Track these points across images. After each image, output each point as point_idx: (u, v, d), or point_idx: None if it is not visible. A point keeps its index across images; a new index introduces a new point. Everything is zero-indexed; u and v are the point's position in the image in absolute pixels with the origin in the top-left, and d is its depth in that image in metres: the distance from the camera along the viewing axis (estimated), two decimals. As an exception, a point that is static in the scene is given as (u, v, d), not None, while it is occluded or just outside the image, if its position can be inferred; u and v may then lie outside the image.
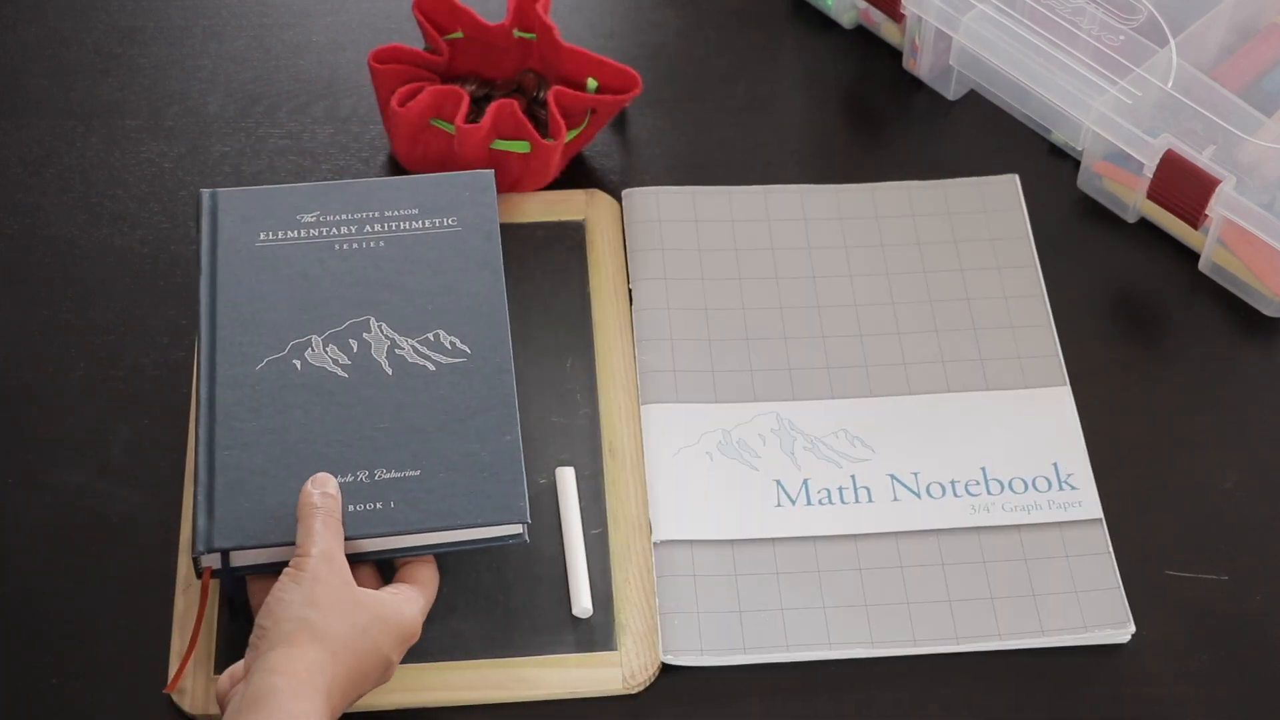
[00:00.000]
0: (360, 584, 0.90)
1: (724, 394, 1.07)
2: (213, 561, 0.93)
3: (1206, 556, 1.02)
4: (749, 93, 1.24)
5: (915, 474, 1.04)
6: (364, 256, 1.03)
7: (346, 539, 0.92)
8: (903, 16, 1.20)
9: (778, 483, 1.04)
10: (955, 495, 1.03)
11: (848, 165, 1.20)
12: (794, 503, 1.03)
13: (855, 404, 1.07)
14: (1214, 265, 1.13)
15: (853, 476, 1.04)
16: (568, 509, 1.01)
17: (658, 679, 0.97)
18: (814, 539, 1.01)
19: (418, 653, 0.95)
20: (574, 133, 1.14)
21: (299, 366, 0.99)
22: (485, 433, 0.96)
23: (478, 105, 1.16)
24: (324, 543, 0.89)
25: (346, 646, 0.86)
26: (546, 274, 1.12)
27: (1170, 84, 1.12)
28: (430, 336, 1.00)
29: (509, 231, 1.14)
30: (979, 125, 1.22)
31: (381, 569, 0.95)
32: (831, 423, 1.06)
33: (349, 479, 0.94)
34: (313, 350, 0.99)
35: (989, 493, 1.03)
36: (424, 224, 1.05)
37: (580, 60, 1.15)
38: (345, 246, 1.03)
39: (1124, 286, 1.15)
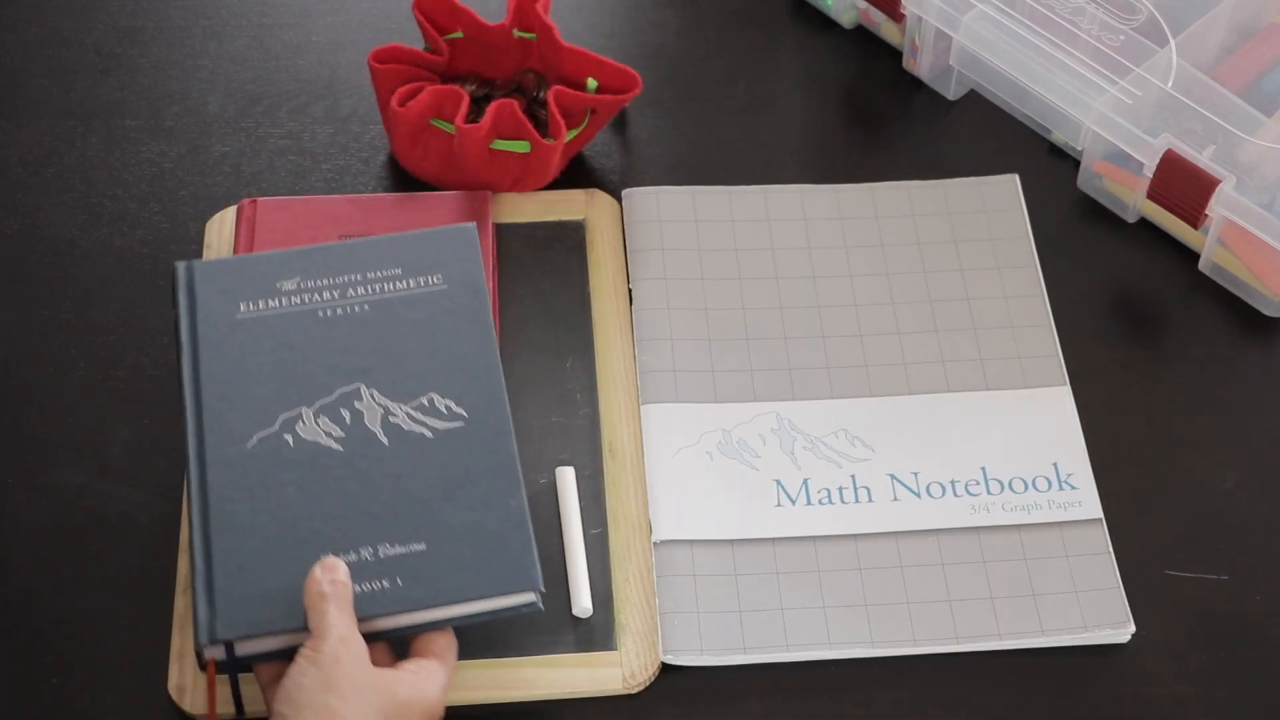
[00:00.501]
0: (376, 663, 0.86)
1: (724, 394, 1.07)
2: (216, 653, 0.89)
3: (1206, 556, 1.02)
4: (749, 93, 1.24)
5: (915, 474, 1.04)
6: (349, 322, 0.99)
7: (361, 620, 0.88)
8: (903, 16, 1.20)
9: (778, 483, 1.04)
10: (955, 495, 1.03)
11: (848, 165, 1.20)
12: (794, 503, 1.03)
13: (855, 404, 1.07)
14: (1214, 265, 1.13)
15: (853, 476, 1.04)
16: (568, 509, 1.01)
17: (658, 679, 0.97)
18: (814, 539, 1.01)
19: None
20: (574, 133, 1.14)
21: (291, 442, 0.94)
22: (489, 499, 0.93)
23: (478, 105, 1.16)
24: (339, 627, 0.85)
25: None
26: (546, 274, 1.12)
27: (1170, 84, 1.12)
28: (424, 401, 0.96)
29: (509, 231, 1.14)
30: (979, 125, 1.22)
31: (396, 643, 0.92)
32: (831, 423, 1.06)
33: (352, 557, 0.90)
34: (304, 424, 0.95)
35: (989, 493, 1.03)
36: (408, 284, 1.00)
37: (580, 60, 1.15)
38: (329, 313, 0.99)
39: (1124, 286, 1.15)
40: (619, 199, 1.17)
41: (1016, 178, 1.18)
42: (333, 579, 0.88)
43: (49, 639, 0.97)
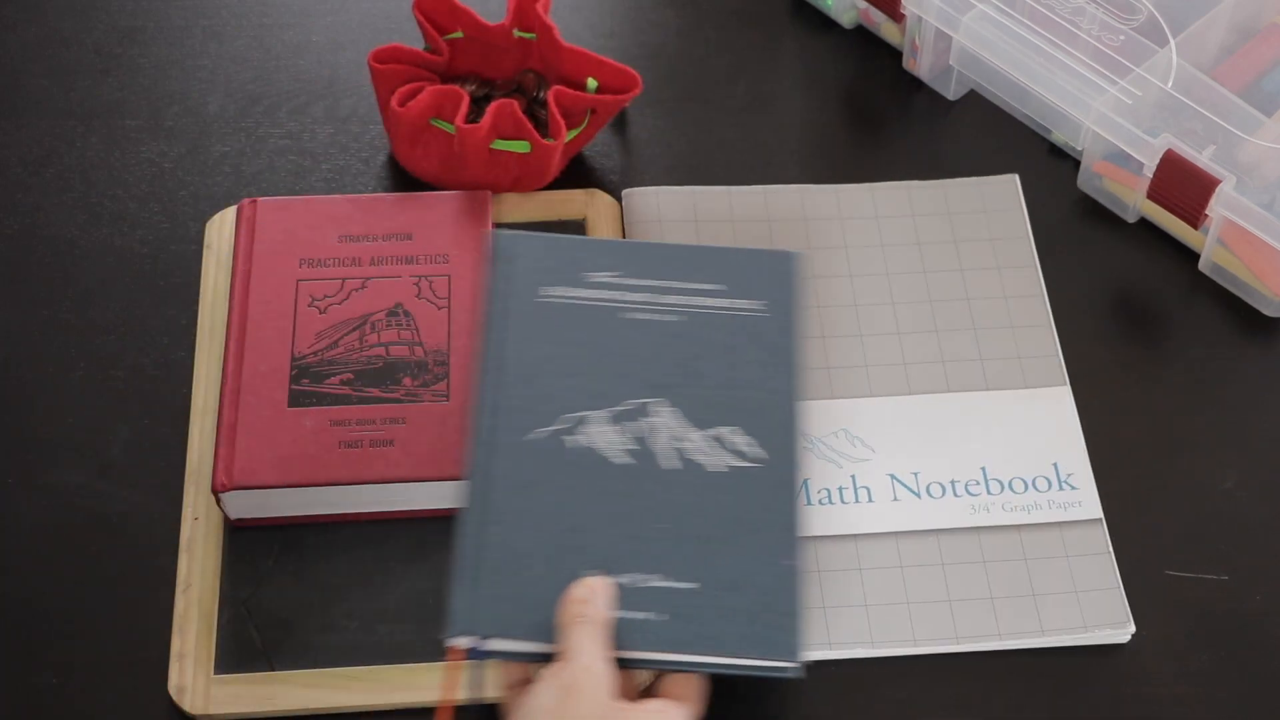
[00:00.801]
0: (623, 693, 0.84)
1: (724, 394, 1.07)
2: (464, 643, 0.86)
3: (1206, 556, 1.02)
4: (749, 93, 1.24)
5: (915, 474, 1.04)
6: (657, 330, 0.94)
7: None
8: (903, 16, 1.20)
9: (778, 483, 1.03)
10: (955, 495, 1.03)
11: (848, 165, 1.20)
12: (794, 503, 1.03)
13: (855, 404, 1.07)
14: (1214, 265, 1.13)
15: (853, 476, 1.04)
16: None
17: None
18: (814, 539, 1.01)
19: (419, 653, 0.95)
20: (574, 133, 1.14)
21: (574, 444, 0.90)
22: (770, 553, 0.88)
23: (478, 105, 1.16)
24: (585, 655, 0.82)
25: None
26: (546, 274, 1.12)
27: (1170, 84, 1.12)
28: (723, 432, 0.91)
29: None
30: (979, 125, 1.22)
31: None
32: (831, 423, 1.06)
33: (622, 580, 0.87)
34: (592, 429, 0.91)
35: (989, 493, 1.03)
36: (728, 303, 0.95)
37: (580, 60, 1.15)
38: (636, 316, 0.95)
39: (1124, 286, 1.15)
40: (619, 199, 1.17)
41: (1016, 178, 1.18)
42: (595, 604, 0.84)
43: (49, 639, 0.97)
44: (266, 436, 1.00)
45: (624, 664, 0.85)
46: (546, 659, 0.84)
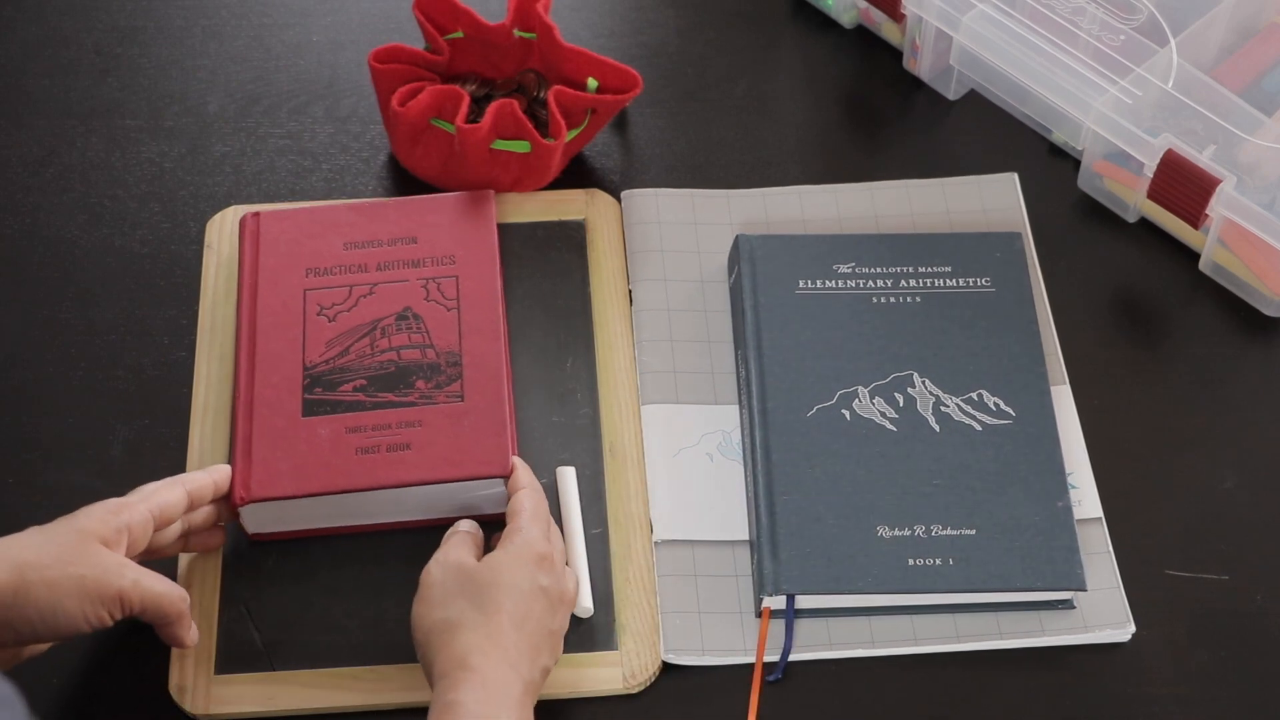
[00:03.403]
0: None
1: (724, 395, 1.07)
2: (775, 603, 0.97)
3: (1206, 556, 1.02)
4: (749, 93, 1.24)
5: (916, 474, 1.05)
6: (900, 311, 1.06)
7: (907, 593, 0.96)
8: (903, 16, 1.20)
9: (779, 483, 1.04)
10: (956, 495, 1.04)
11: (847, 165, 1.20)
12: (795, 503, 1.03)
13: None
14: (1214, 265, 1.13)
15: (854, 476, 1.05)
16: (569, 509, 1.01)
17: (658, 679, 0.97)
18: (815, 539, 1.02)
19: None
20: (574, 133, 1.14)
21: (848, 416, 1.02)
22: (1036, 497, 0.99)
23: (478, 105, 1.16)
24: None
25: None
26: (546, 274, 1.12)
27: (1170, 84, 1.12)
28: (974, 396, 1.03)
29: (509, 231, 1.14)
30: (979, 125, 1.22)
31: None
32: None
33: (905, 532, 0.97)
34: (860, 401, 1.02)
35: (990, 492, 1.04)
36: (958, 283, 1.08)
37: (580, 60, 1.15)
38: (881, 300, 1.07)
39: (1124, 286, 1.15)
40: (619, 199, 1.17)
41: (1015, 176, 1.18)
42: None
43: (49, 639, 0.97)
44: (283, 447, 0.99)
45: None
46: (859, 614, 0.98)
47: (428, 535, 0.97)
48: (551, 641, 0.90)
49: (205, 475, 0.96)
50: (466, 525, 0.96)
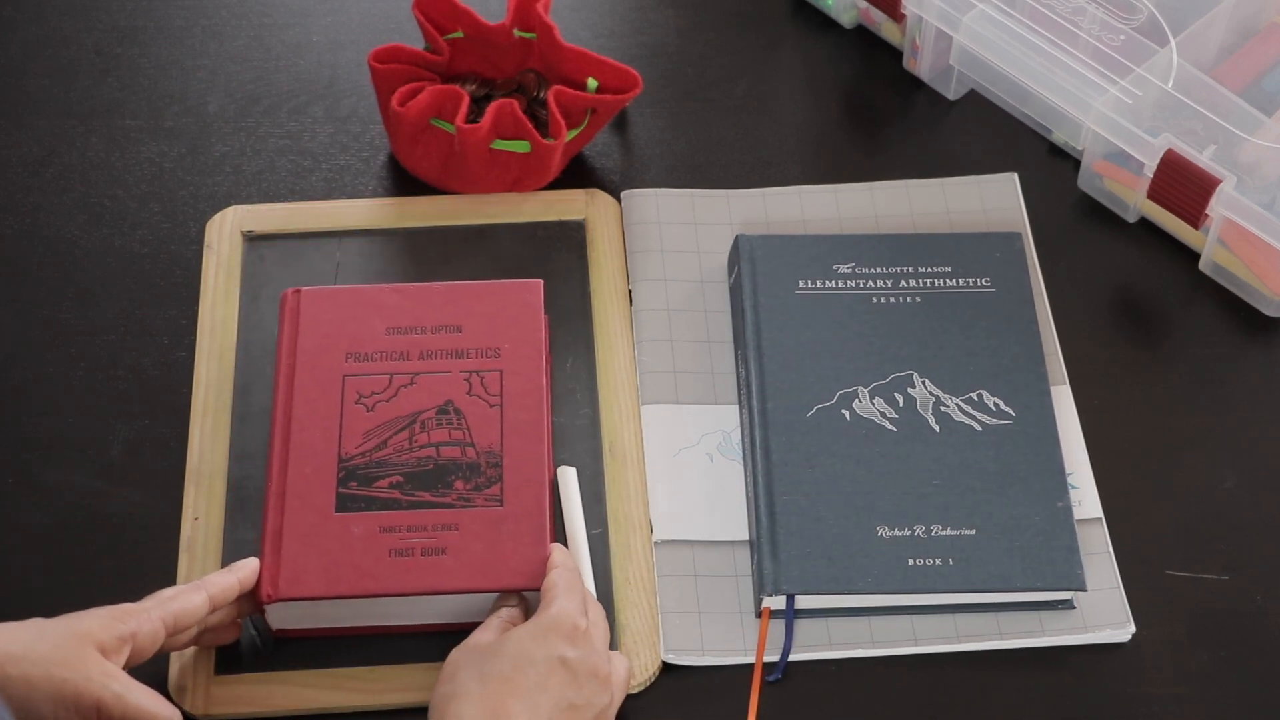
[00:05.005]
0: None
1: (723, 396, 1.07)
2: (775, 603, 0.97)
3: (1206, 556, 1.02)
4: (749, 93, 1.24)
5: (916, 474, 1.05)
6: (901, 311, 1.06)
7: (907, 593, 0.96)
8: (903, 16, 1.20)
9: (779, 483, 1.04)
10: (956, 495, 1.04)
11: (847, 165, 1.20)
12: (795, 503, 1.03)
13: (856, 404, 1.08)
14: (1214, 265, 1.13)
15: (854, 476, 1.05)
16: (570, 509, 1.01)
17: (658, 679, 0.97)
18: (815, 539, 1.02)
19: (420, 653, 0.95)
20: (574, 133, 1.14)
21: (847, 417, 1.02)
22: (1036, 497, 0.99)
23: (478, 105, 1.16)
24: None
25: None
26: (546, 274, 1.12)
27: (1170, 84, 1.12)
28: (974, 396, 1.03)
29: (509, 231, 1.14)
30: (979, 125, 1.22)
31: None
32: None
33: (905, 532, 0.97)
34: (860, 401, 1.02)
35: (990, 493, 1.04)
36: (958, 283, 1.08)
37: (580, 60, 1.15)
38: (881, 300, 1.07)
39: (1124, 286, 1.15)
40: (619, 199, 1.17)
41: (1015, 176, 1.18)
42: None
43: (49, 639, 0.97)
44: (314, 544, 0.95)
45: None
46: (859, 614, 0.98)
47: (454, 639, 0.92)
48: (573, 716, 0.87)
49: (231, 576, 0.92)
50: (507, 614, 0.93)
